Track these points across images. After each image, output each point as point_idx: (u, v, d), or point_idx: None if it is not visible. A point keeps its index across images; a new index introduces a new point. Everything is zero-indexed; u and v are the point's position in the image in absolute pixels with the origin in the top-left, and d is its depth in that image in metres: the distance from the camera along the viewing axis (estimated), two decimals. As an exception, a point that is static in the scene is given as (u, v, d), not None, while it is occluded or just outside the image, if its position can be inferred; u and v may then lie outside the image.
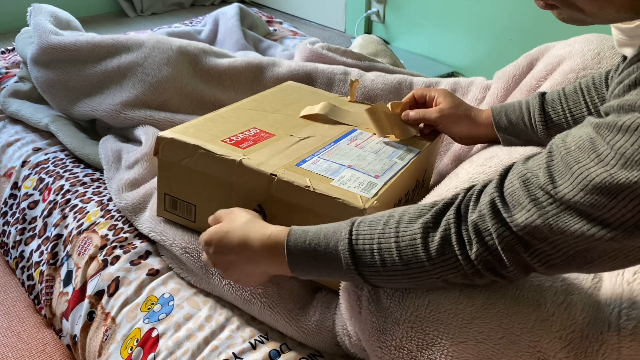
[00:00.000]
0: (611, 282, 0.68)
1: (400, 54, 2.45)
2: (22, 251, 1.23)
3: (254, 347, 0.84)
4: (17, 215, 1.27)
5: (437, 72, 2.66)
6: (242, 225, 0.74)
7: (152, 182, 1.11)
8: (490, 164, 0.85)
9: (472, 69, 2.66)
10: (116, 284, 0.98)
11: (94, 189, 1.20)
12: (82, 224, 1.11)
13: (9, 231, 1.28)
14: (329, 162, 0.87)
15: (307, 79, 1.37)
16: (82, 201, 1.17)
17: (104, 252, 1.03)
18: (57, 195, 1.21)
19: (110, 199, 1.15)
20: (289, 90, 1.20)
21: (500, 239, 0.56)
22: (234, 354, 0.83)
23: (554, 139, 0.57)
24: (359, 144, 0.95)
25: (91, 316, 0.99)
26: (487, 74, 1.43)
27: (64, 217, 1.16)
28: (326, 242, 0.66)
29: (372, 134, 1.00)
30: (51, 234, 1.16)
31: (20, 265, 1.24)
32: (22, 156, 1.35)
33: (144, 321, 0.92)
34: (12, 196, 1.31)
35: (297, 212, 0.82)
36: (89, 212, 1.13)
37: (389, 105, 1.01)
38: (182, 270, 0.97)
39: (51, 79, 1.33)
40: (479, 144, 1.05)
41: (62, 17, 1.51)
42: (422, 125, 1.02)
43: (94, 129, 1.40)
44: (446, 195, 0.79)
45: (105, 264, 1.02)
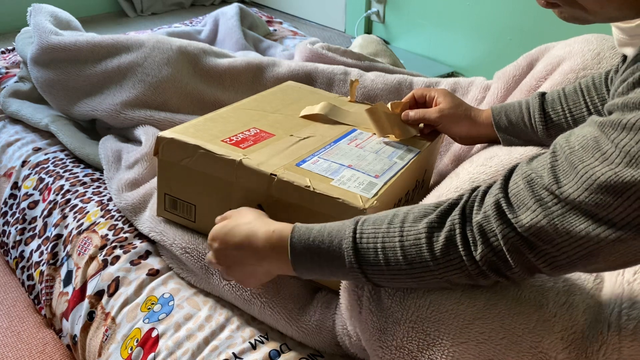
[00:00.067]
0: (611, 282, 0.68)
1: (400, 54, 2.46)
2: (22, 251, 1.23)
3: (254, 347, 0.84)
4: (17, 215, 1.27)
5: (437, 72, 2.66)
6: (247, 222, 0.74)
7: (152, 182, 1.11)
8: (490, 164, 0.85)
9: (472, 69, 2.66)
10: (116, 284, 0.98)
11: (94, 189, 1.20)
12: (82, 224, 1.11)
13: (9, 231, 1.28)
14: (329, 162, 0.87)
15: (307, 79, 1.37)
16: (82, 201, 1.17)
17: (104, 252, 1.03)
18: (57, 195, 1.21)
19: (110, 199, 1.15)
20: (289, 90, 1.20)
21: (505, 240, 0.56)
22: (234, 354, 0.83)
23: (557, 138, 0.57)
24: (359, 144, 0.95)
25: (91, 316, 0.99)
26: (487, 74, 1.43)
27: (64, 217, 1.16)
28: (330, 240, 0.66)
29: (372, 134, 1.00)
30: (51, 234, 1.16)
31: (20, 265, 1.24)
32: (22, 156, 1.34)
33: (144, 321, 0.92)
34: (12, 196, 1.31)
35: (297, 212, 0.82)
36: (89, 212, 1.13)
37: (389, 105, 1.01)
38: (182, 270, 0.97)
39: (51, 79, 1.33)
40: (479, 144, 1.05)
41: (62, 17, 1.51)
42: (422, 125, 1.02)
43: (94, 129, 1.40)
44: (447, 195, 0.79)
45: (105, 264, 1.02)
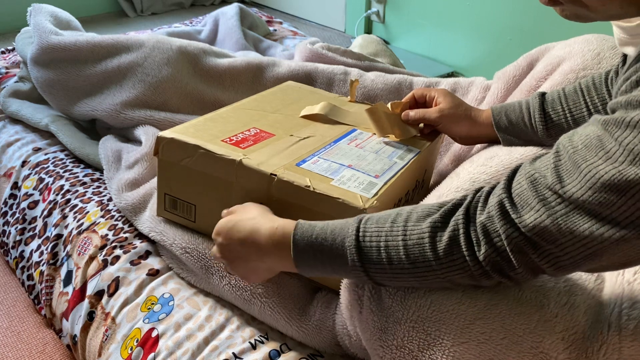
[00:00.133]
0: (611, 282, 0.68)
1: (400, 54, 2.46)
2: (22, 251, 1.23)
3: (254, 347, 0.84)
4: (17, 215, 1.27)
5: (437, 72, 2.66)
6: (252, 217, 0.74)
7: (152, 182, 1.11)
8: (490, 164, 0.85)
9: (472, 69, 2.66)
10: (116, 284, 0.98)
11: (94, 189, 1.20)
12: (82, 224, 1.11)
13: (9, 231, 1.28)
14: (329, 162, 0.87)
15: (307, 79, 1.37)
16: (82, 201, 1.17)
17: (104, 252, 1.03)
18: (57, 195, 1.21)
19: (110, 199, 1.15)
20: (289, 90, 1.20)
21: (509, 240, 0.56)
22: (234, 354, 0.83)
23: (560, 138, 0.57)
24: (359, 144, 0.95)
25: (91, 316, 0.99)
26: (487, 74, 1.43)
27: (64, 217, 1.16)
28: (333, 238, 0.66)
29: (372, 134, 1.00)
30: (51, 234, 1.16)
31: (20, 265, 1.24)
32: (22, 156, 1.34)
33: (144, 321, 0.92)
34: (12, 196, 1.31)
35: (297, 212, 0.81)
36: (89, 212, 1.13)
37: (389, 105, 1.01)
38: (182, 270, 0.97)
39: (51, 79, 1.33)
40: (479, 144, 1.05)
41: (62, 17, 1.51)
42: (422, 125, 1.02)
43: (94, 129, 1.40)
44: (448, 195, 0.79)
45: (105, 264, 1.02)
